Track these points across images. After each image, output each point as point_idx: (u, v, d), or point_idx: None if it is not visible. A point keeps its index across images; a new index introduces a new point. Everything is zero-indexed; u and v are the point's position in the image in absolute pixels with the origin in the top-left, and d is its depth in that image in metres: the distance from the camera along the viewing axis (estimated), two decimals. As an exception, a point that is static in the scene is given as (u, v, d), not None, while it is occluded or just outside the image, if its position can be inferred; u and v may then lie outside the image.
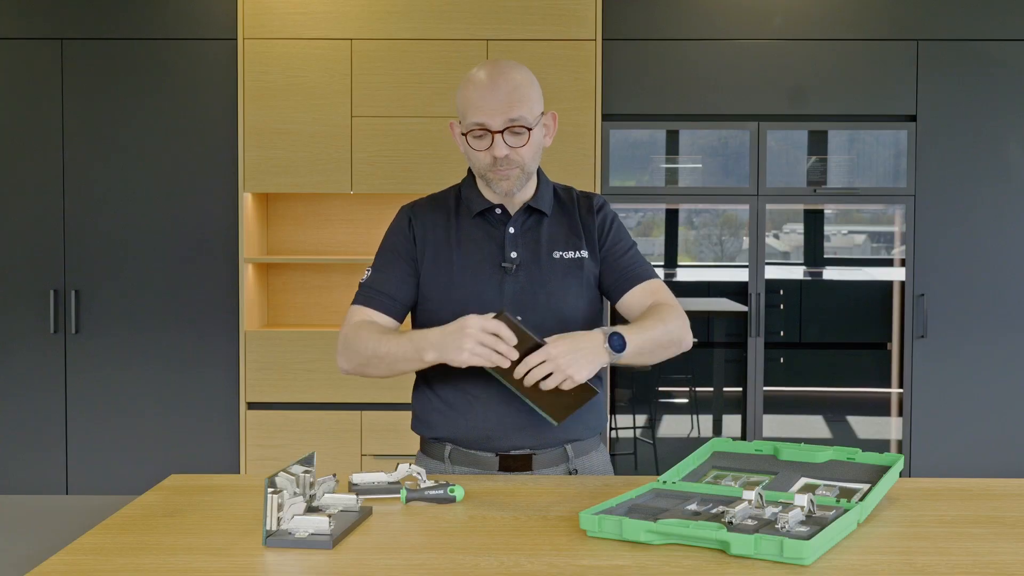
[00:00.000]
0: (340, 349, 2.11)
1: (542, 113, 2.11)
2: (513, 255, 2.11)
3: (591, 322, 2.14)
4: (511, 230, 2.13)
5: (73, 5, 4.78)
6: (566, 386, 1.88)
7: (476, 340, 1.86)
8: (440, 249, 2.13)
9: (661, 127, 5.12)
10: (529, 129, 2.05)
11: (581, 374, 1.88)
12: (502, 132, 2.03)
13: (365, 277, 2.16)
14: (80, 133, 4.81)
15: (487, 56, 4.58)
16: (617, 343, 1.93)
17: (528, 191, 2.16)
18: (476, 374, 2.04)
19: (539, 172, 2.18)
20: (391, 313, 2.13)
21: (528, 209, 2.15)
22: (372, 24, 4.60)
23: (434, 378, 2.15)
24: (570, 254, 2.13)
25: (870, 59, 4.83)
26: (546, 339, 1.90)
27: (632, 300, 2.13)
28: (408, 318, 2.21)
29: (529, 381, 1.87)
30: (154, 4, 4.78)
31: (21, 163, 4.82)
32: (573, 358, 1.87)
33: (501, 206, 2.14)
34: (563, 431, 2.11)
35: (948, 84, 4.82)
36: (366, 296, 2.14)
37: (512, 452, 2.10)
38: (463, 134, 2.08)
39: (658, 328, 2.02)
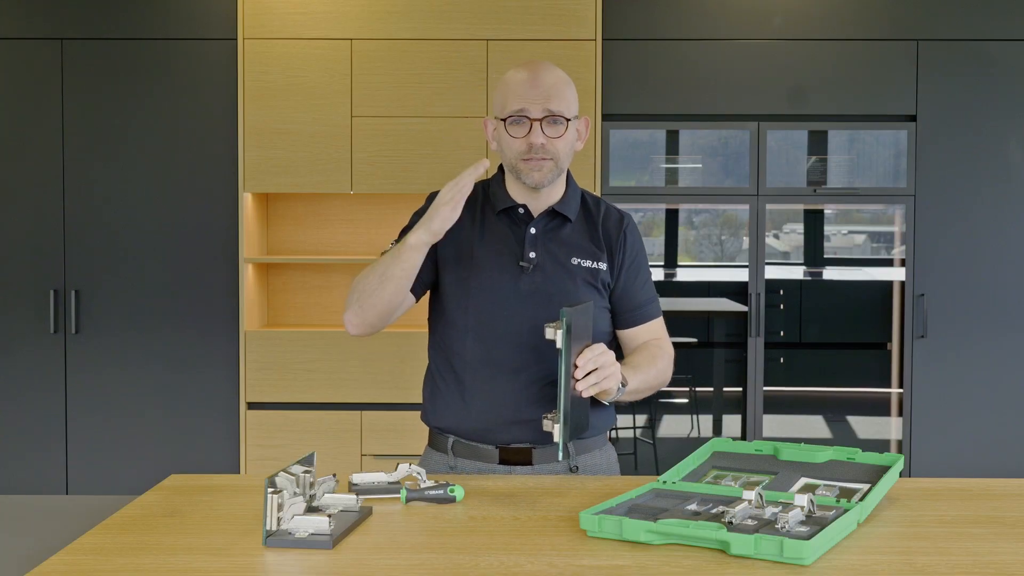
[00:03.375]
0: (346, 305, 2.11)
1: (577, 117, 2.15)
2: (532, 255, 2.13)
3: (605, 332, 2.18)
4: (532, 231, 2.14)
5: (73, 5, 4.78)
6: (592, 392, 1.91)
7: (443, 196, 1.94)
8: (463, 239, 2.14)
9: (661, 127, 5.12)
10: (567, 120, 2.09)
11: (609, 390, 1.97)
12: (540, 120, 2.07)
13: (388, 248, 2.16)
14: (80, 133, 4.81)
15: (487, 56, 4.58)
16: (622, 390, 2.03)
17: (555, 194, 2.18)
18: (479, 366, 2.09)
19: (570, 178, 2.21)
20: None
21: (552, 212, 2.17)
22: (372, 24, 4.60)
23: (440, 369, 2.18)
24: (588, 263, 2.15)
25: (870, 59, 4.83)
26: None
27: (635, 335, 2.22)
28: (425, 308, 2.25)
29: (579, 374, 1.89)
30: (154, 4, 4.78)
31: (21, 163, 4.82)
32: (614, 372, 1.95)
33: (524, 206, 2.16)
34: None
35: (948, 84, 4.82)
36: None
37: (512, 445, 2.11)
38: (501, 120, 2.11)
39: (651, 372, 2.14)
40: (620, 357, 2.11)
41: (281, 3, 4.58)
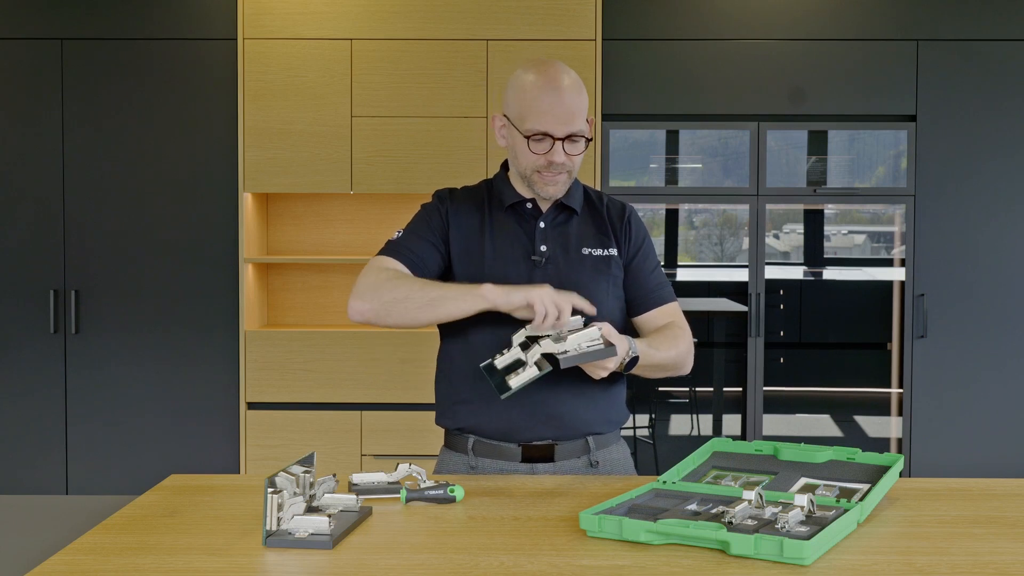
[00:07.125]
0: (360, 291, 2.03)
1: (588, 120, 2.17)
2: (543, 248, 2.15)
3: (618, 319, 2.18)
4: (541, 224, 2.17)
5: (73, 5, 4.78)
6: (594, 374, 1.98)
7: (545, 297, 1.91)
8: (471, 238, 2.16)
9: (661, 127, 5.12)
10: (587, 139, 2.11)
11: (602, 375, 1.99)
12: (563, 140, 2.08)
13: (395, 236, 2.16)
14: (80, 133, 4.81)
15: (487, 56, 4.58)
16: (630, 366, 2.03)
17: None
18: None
19: None
20: (418, 272, 2.11)
21: (559, 206, 2.19)
22: (372, 24, 4.60)
23: (456, 372, 2.17)
24: (598, 251, 2.18)
25: (870, 59, 4.83)
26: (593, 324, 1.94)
27: (651, 319, 2.22)
28: None
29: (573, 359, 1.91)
30: (154, 4, 4.78)
31: (21, 163, 4.82)
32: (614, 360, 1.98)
33: (532, 200, 2.18)
34: (584, 424, 2.14)
35: (948, 84, 4.82)
36: (395, 250, 2.13)
37: (534, 443, 2.12)
38: (525, 137, 2.09)
39: (671, 352, 2.13)
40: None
41: (281, 3, 4.58)
